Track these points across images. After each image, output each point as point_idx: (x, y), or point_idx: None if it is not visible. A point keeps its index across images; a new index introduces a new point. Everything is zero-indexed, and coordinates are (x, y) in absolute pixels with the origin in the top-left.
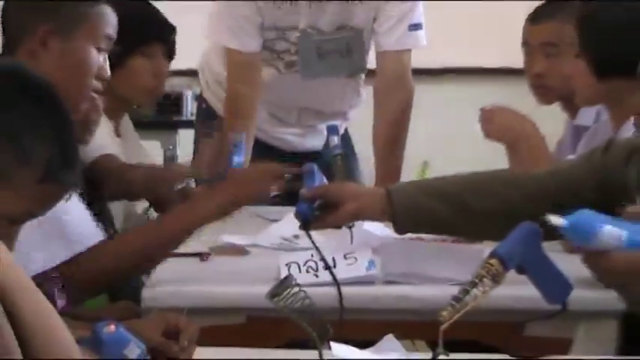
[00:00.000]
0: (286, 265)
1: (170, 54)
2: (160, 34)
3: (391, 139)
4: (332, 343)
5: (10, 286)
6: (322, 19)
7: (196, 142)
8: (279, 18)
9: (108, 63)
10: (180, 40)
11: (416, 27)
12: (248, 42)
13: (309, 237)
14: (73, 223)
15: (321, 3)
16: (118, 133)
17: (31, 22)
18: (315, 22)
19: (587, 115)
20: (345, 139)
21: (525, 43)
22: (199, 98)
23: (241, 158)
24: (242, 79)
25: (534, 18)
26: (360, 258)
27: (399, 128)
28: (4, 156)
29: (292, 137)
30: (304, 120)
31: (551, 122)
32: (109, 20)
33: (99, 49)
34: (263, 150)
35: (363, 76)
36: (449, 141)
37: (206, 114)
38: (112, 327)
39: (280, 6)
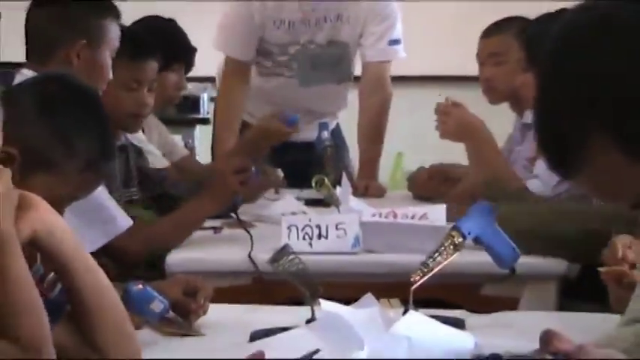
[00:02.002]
0: (288, 227)
1: (188, 70)
2: (186, 56)
3: (372, 132)
4: (321, 301)
5: (67, 252)
6: (318, 36)
7: (214, 141)
8: (278, 36)
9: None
10: (198, 52)
11: (395, 42)
12: (244, 52)
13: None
14: (111, 209)
15: (318, 23)
16: (142, 128)
17: (68, 36)
18: (312, 38)
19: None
20: (337, 132)
21: (478, 55)
22: (216, 100)
23: None
24: (235, 80)
25: (485, 33)
26: (348, 230)
27: (378, 124)
28: (54, 149)
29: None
30: (302, 117)
31: (501, 120)
32: (118, 34)
33: (111, 58)
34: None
35: (350, 83)
36: (420, 136)
37: None
38: (140, 286)
39: (279, 26)
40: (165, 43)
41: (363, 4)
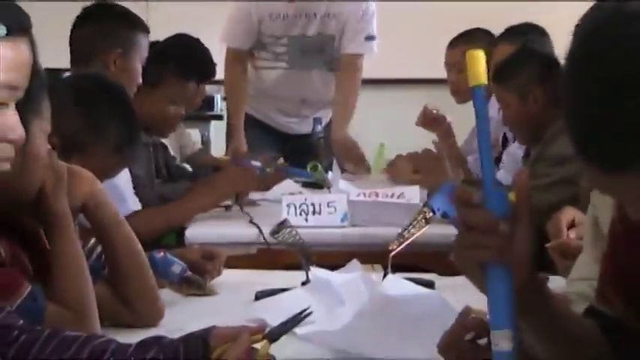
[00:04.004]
0: (287, 205)
1: None
2: (214, 71)
3: (344, 104)
4: (312, 268)
5: (110, 220)
6: (308, 29)
7: (228, 131)
8: (274, 28)
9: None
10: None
11: (370, 38)
12: (242, 42)
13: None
14: (125, 189)
15: (308, 17)
16: None
17: (107, 46)
18: (303, 32)
19: (491, 110)
20: (327, 128)
21: (445, 62)
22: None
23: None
24: (236, 65)
25: (450, 45)
26: (338, 207)
27: (350, 98)
28: (88, 135)
29: (291, 124)
30: (301, 111)
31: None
32: (147, 46)
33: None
34: (272, 132)
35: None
36: (398, 129)
37: None
38: (162, 253)
39: (275, 19)
40: (203, 64)
41: (347, 4)
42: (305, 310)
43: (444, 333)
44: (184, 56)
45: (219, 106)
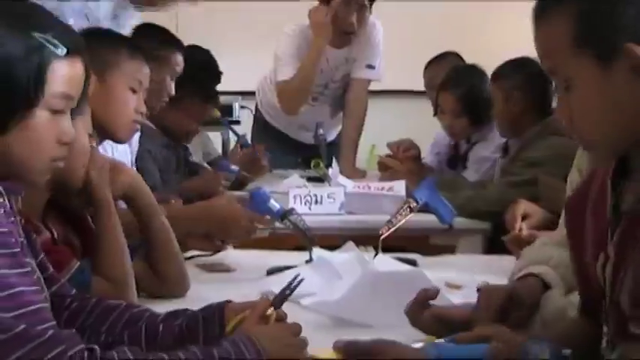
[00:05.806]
0: (293, 196)
1: None
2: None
3: (351, 131)
4: (315, 248)
5: (145, 204)
6: (335, 75)
7: (253, 136)
8: None
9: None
10: (232, 71)
11: (370, 67)
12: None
13: None
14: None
15: (336, 66)
16: None
17: None
18: (332, 78)
19: None
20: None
21: (424, 84)
22: (255, 109)
23: None
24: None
25: (426, 66)
26: (336, 198)
27: (358, 126)
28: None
29: (307, 137)
30: (312, 128)
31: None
32: (180, 64)
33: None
34: (291, 142)
35: None
36: (387, 132)
37: (258, 119)
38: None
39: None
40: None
41: (365, 45)
42: (296, 277)
43: (410, 301)
44: (204, 80)
45: (237, 112)
